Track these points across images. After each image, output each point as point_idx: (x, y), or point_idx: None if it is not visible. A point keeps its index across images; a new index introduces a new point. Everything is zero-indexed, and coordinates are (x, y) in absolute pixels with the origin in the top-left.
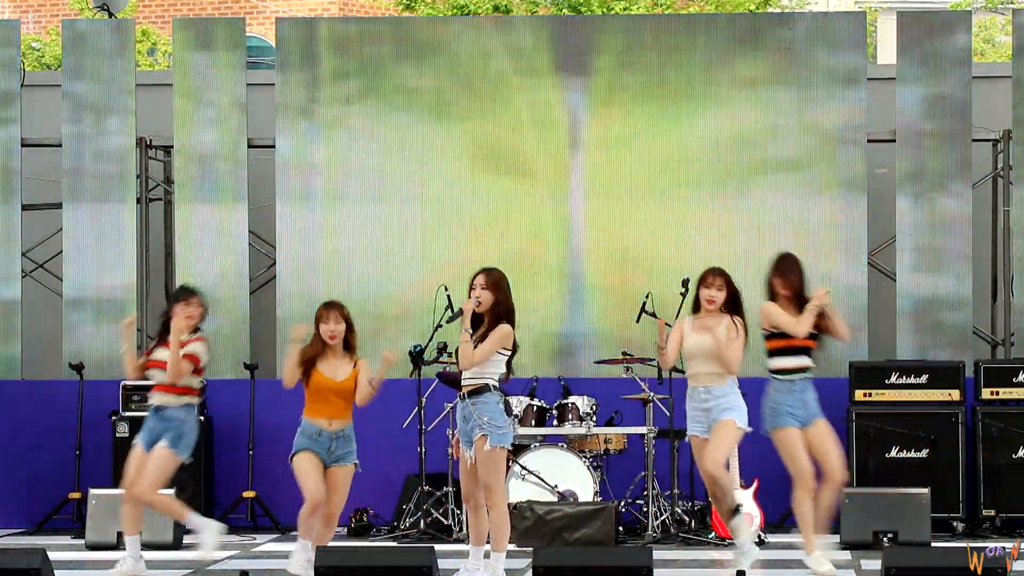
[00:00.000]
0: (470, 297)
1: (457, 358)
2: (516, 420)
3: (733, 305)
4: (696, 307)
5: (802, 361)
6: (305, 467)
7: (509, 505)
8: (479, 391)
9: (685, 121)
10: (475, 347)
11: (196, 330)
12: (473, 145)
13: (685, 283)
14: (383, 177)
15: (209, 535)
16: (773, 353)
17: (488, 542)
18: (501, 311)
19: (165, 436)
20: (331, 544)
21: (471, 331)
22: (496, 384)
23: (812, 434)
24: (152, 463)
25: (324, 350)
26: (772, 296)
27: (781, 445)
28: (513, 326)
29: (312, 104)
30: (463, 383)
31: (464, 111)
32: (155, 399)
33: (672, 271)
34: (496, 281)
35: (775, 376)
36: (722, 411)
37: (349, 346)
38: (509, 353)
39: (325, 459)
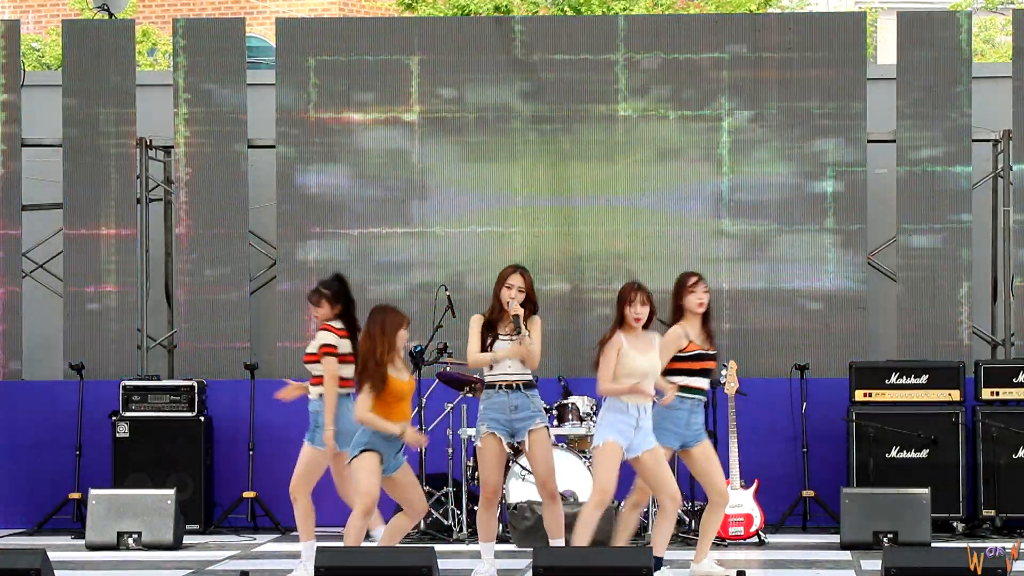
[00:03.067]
0: (498, 292)
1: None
2: None
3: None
4: (621, 322)
5: (699, 382)
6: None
7: (509, 505)
8: (531, 384)
9: (683, 120)
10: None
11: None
12: (474, 143)
13: None
14: (382, 176)
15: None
16: (671, 372)
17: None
18: (532, 308)
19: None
20: (331, 544)
21: (527, 332)
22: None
23: (696, 455)
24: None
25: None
26: (678, 316)
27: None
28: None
29: (312, 104)
30: (510, 376)
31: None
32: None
33: (672, 271)
34: (531, 281)
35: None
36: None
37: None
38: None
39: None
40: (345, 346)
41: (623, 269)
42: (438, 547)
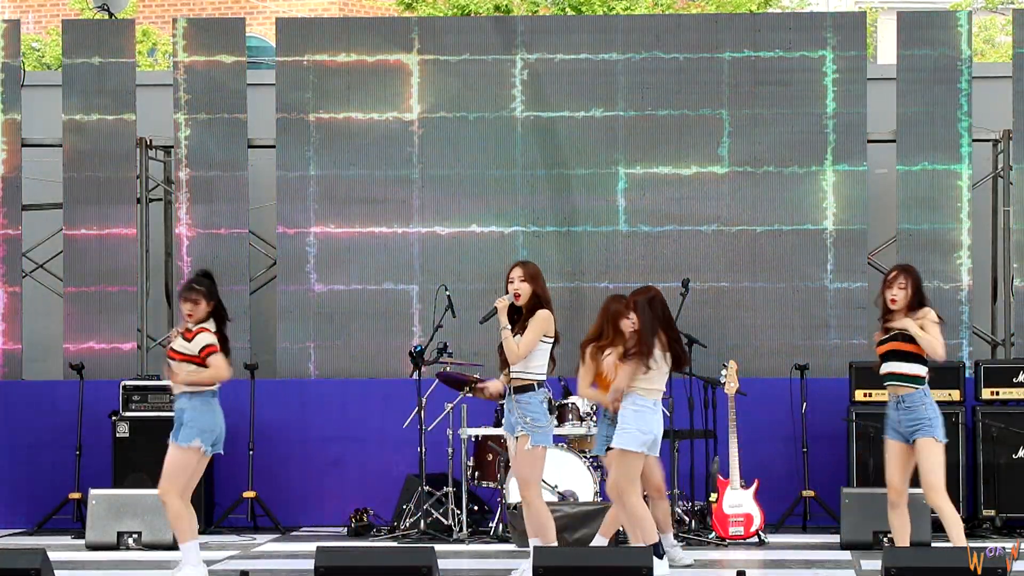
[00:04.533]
0: (507, 291)
1: (500, 354)
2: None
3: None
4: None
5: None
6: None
7: (509, 505)
8: (524, 388)
9: (683, 120)
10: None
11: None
12: (474, 143)
13: (685, 283)
14: (382, 176)
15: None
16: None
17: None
18: (538, 302)
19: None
20: (331, 544)
21: (509, 326)
22: (541, 380)
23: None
24: None
25: None
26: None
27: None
28: (547, 304)
29: (312, 104)
30: (512, 377)
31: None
32: None
33: (671, 271)
34: (533, 273)
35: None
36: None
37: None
38: (552, 340)
39: None
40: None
41: (623, 269)
42: (438, 547)
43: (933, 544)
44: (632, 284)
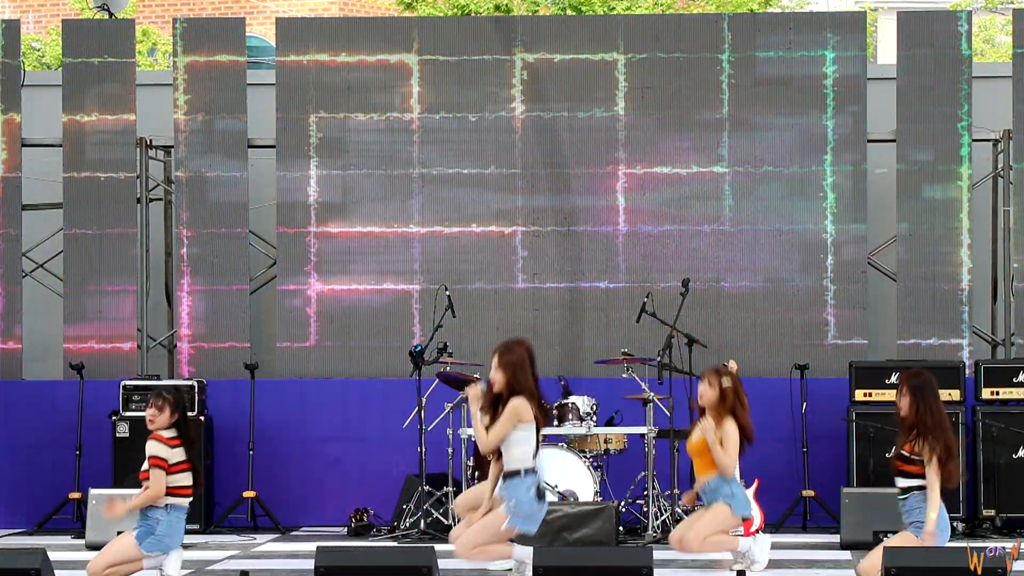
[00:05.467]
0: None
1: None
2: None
3: None
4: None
5: None
6: None
7: None
8: (510, 475)
9: (684, 120)
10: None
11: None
12: (474, 143)
13: (685, 283)
14: (382, 176)
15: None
16: None
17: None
18: (513, 390)
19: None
20: (331, 544)
21: (479, 414)
22: (529, 467)
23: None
24: None
25: None
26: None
27: None
28: (534, 399)
29: (312, 103)
30: (501, 462)
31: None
32: None
33: (672, 271)
34: (510, 360)
35: None
36: None
37: None
38: (531, 427)
39: None
40: (178, 455)
41: (623, 269)
42: (438, 547)
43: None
44: (632, 284)
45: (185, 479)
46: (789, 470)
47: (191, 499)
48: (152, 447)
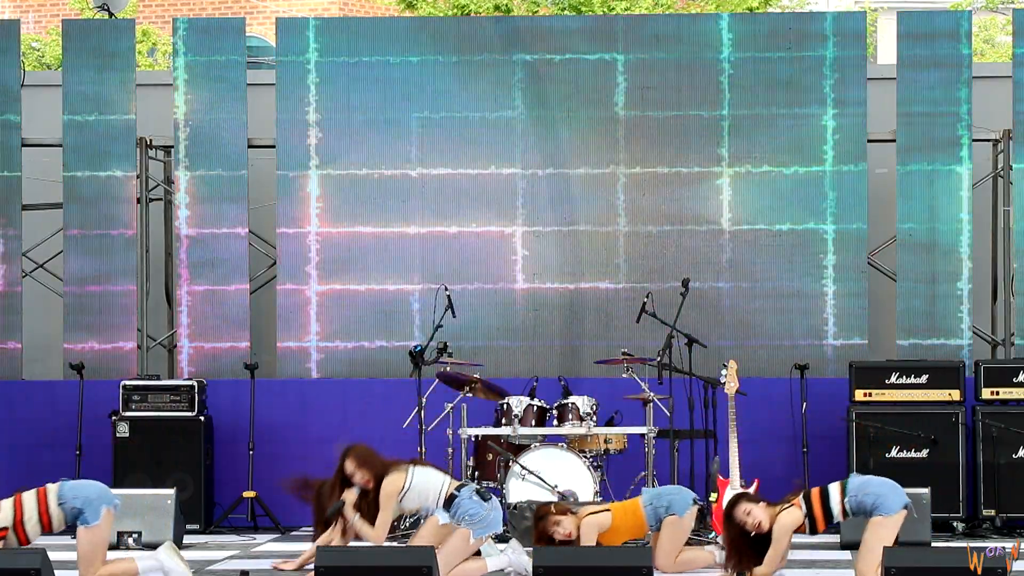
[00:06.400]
0: (346, 478)
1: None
2: (517, 421)
3: None
4: None
5: None
6: None
7: (509, 505)
8: (448, 504)
9: (684, 120)
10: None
11: None
12: (475, 143)
13: (685, 283)
14: (382, 176)
15: None
16: None
17: None
18: (379, 478)
19: None
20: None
21: (357, 514)
22: (448, 495)
23: None
24: None
25: None
26: None
27: None
28: (386, 467)
29: (312, 103)
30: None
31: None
32: None
33: (671, 271)
34: (361, 457)
35: None
36: None
37: None
38: (407, 486)
39: None
40: None
41: (623, 269)
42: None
43: (933, 544)
44: (632, 284)
45: None
46: (789, 470)
47: None
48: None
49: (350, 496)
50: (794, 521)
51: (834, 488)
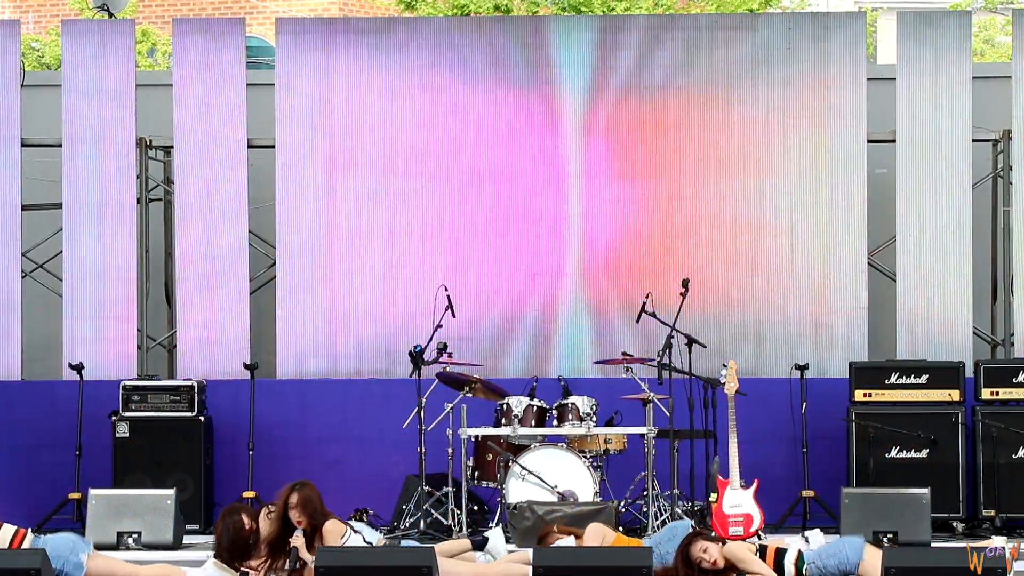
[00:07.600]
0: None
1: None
2: (517, 421)
3: None
4: None
5: None
6: None
7: (509, 505)
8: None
9: (684, 120)
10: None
11: None
12: (475, 143)
13: (685, 283)
14: (385, 175)
15: None
16: None
17: None
18: (319, 520)
19: None
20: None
21: (309, 557)
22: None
23: None
24: None
25: None
26: None
27: None
28: (327, 517)
29: (312, 103)
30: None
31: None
32: None
33: (672, 270)
34: (304, 500)
35: None
36: None
37: None
38: (348, 532)
39: None
40: None
41: (623, 269)
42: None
43: (933, 544)
44: (632, 284)
45: None
46: (789, 470)
47: None
48: None
49: (299, 540)
50: (747, 546)
51: (791, 551)
